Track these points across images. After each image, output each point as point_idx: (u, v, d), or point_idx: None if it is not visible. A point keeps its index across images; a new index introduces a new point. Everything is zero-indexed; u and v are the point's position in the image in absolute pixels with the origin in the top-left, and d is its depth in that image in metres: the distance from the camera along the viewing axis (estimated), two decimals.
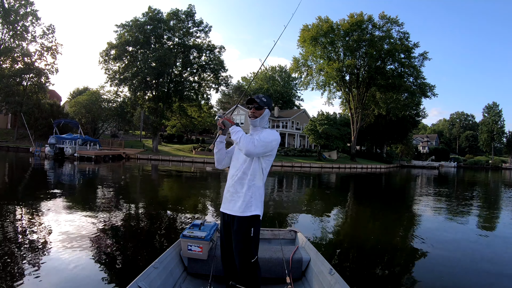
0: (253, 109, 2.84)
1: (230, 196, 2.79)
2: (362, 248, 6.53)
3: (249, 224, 2.66)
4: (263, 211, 2.82)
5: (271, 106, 2.92)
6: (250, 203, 2.68)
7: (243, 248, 2.64)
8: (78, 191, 12.86)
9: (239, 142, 2.64)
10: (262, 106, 2.81)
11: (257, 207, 2.70)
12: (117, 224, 7.08)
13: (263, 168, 2.77)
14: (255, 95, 2.86)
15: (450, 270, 5.33)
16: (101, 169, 22.37)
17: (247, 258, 2.64)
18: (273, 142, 2.71)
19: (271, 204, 11.14)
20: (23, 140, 45.05)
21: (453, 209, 12.41)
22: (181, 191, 14.71)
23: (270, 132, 2.78)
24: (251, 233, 2.65)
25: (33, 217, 7.31)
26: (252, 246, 2.66)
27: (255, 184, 2.72)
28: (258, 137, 2.67)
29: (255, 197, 2.70)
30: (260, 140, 2.63)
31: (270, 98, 2.97)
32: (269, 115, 2.95)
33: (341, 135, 44.01)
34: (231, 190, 2.79)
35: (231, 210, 2.75)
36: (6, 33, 45.29)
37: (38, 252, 5.03)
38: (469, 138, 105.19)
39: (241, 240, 2.66)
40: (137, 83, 38.80)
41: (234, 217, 2.72)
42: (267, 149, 2.68)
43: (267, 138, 2.67)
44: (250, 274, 2.65)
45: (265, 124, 2.90)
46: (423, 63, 47.06)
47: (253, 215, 2.67)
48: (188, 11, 41.42)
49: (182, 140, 58.77)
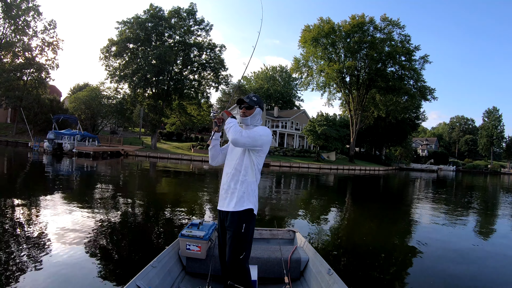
0: (243, 109, 2.92)
1: (224, 193, 2.82)
2: (360, 248, 6.55)
3: (240, 219, 2.68)
4: (258, 208, 2.84)
5: (261, 105, 2.99)
6: (243, 198, 2.72)
7: (232, 243, 2.67)
8: (74, 187, 12.83)
9: (228, 131, 2.68)
10: (252, 105, 2.89)
11: (250, 201, 2.73)
12: (114, 223, 7.06)
13: (256, 164, 2.80)
14: (246, 96, 2.93)
15: (446, 271, 5.34)
16: (98, 166, 22.34)
17: (235, 254, 2.65)
18: (262, 137, 2.74)
19: (269, 204, 11.15)
20: (22, 134, 44.99)
21: (451, 212, 12.44)
22: (179, 189, 14.68)
23: (260, 127, 2.85)
24: (242, 229, 2.67)
25: (30, 213, 7.29)
26: (242, 242, 2.68)
27: (247, 179, 2.76)
28: (248, 130, 2.76)
29: (248, 192, 2.74)
30: (248, 132, 2.69)
31: (260, 97, 3.03)
32: (261, 114, 3.01)
33: (340, 137, 43.99)
34: (225, 187, 2.82)
35: (225, 207, 2.78)
36: (8, 28, 45.20)
37: (34, 250, 5.01)
38: (468, 142, 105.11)
39: (231, 235, 2.69)
40: (137, 80, 38.74)
41: (228, 213, 2.75)
42: (255, 142, 2.71)
43: (255, 132, 2.73)
44: (237, 270, 2.66)
45: (257, 123, 2.95)
46: (423, 66, 47.04)
47: (245, 210, 2.70)
48: (190, 9, 41.37)
49: (181, 138, 58.74)
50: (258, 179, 2.86)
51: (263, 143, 2.75)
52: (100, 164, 23.29)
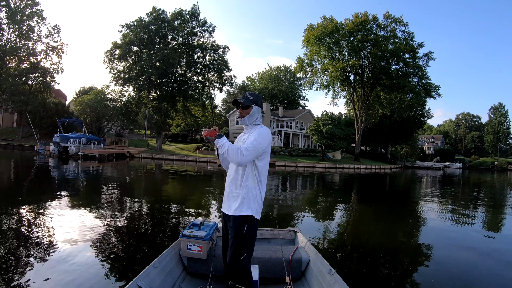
0: (240, 109, 2.85)
1: (226, 196, 2.83)
2: (362, 248, 6.50)
3: (242, 222, 2.67)
4: (262, 210, 2.81)
5: (259, 102, 2.90)
6: (242, 204, 2.69)
7: (233, 244, 2.67)
8: (80, 189, 12.90)
9: (228, 156, 2.61)
10: (248, 104, 2.81)
11: (249, 207, 2.68)
12: (116, 223, 7.09)
13: (259, 167, 2.74)
14: (242, 95, 2.88)
15: (450, 271, 5.30)
16: (104, 168, 22.45)
17: (236, 254, 2.65)
18: (262, 144, 2.67)
19: (271, 204, 11.14)
20: (28, 138, 45.34)
21: (457, 211, 12.35)
22: (182, 190, 14.72)
23: (259, 133, 2.73)
24: (243, 230, 2.66)
25: (35, 214, 7.34)
26: (243, 243, 2.67)
27: (247, 185, 2.70)
28: (245, 145, 2.62)
29: (247, 197, 2.69)
30: (248, 148, 2.58)
31: (258, 94, 2.94)
32: (260, 111, 2.91)
33: (345, 136, 43.83)
34: (227, 190, 2.83)
35: (227, 210, 2.79)
36: (12, 33, 45.73)
37: (37, 249, 5.06)
38: (474, 139, 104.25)
39: (232, 235, 2.70)
40: (141, 83, 38.96)
41: (230, 216, 2.76)
42: (258, 152, 2.65)
43: (254, 142, 2.63)
44: (237, 271, 2.66)
45: (256, 121, 2.87)
46: (428, 63, 46.68)
47: (244, 215, 2.68)
48: (192, 11, 41.41)
49: (187, 140, 58.86)
50: (263, 182, 2.79)
51: (265, 147, 2.71)
52: (105, 167, 23.41)
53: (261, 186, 2.78)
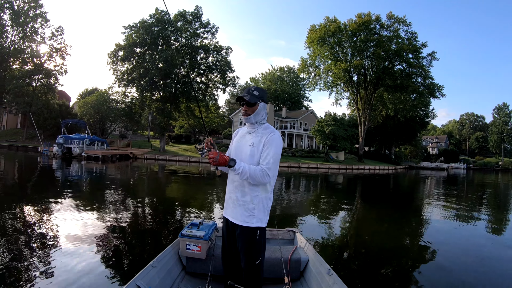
0: (244, 107, 2.59)
1: (232, 202, 2.64)
2: (361, 249, 6.49)
3: (253, 230, 2.56)
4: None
5: (265, 97, 2.64)
6: (253, 214, 2.54)
7: (248, 250, 2.58)
8: (82, 189, 12.95)
9: (251, 181, 2.44)
10: (254, 102, 2.54)
11: (259, 219, 2.56)
12: (117, 223, 7.12)
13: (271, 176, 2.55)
14: (245, 90, 2.61)
15: (452, 274, 5.26)
16: (107, 169, 22.52)
17: (252, 260, 2.58)
18: (279, 153, 2.55)
19: (273, 205, 11.09)
20: (32, 139, 45.65)
21: (462, 213, 12.28)
22: (184, 191, 14.73)
23: (276, 144, 2.54)
24: (256, 236, 2.56)
25: (37, 215, 7.37)
26: (257, 247, 2.60)
27: (258, 195, 2.54)
28: (267, 164, 2.46)
29: (258, 208, 2.55)
30: (270, 167, 2.45)
31: (264, 89, 2.65)
32: (266, 108, 2.67)
33: (348, 136, 43.75)
34: (233, 197, 2.64)
35: (234, 218, 2.63)
36: (16, 35, 46.06)
37: (38, 249, 5.08)
38: (479, 140, 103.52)
39: (245, 243, 2.58)
40: (144, 84, 39.04)
41: (237, 225, 2.61)
42: (277, 163, 2.53)
43: (275, 156, 2.50)
44: (253, 276, 2.61)
45: (262, 119, 2.64)
46: (431, 63, 46.59)
47: (255, 227, 2.56)
48: (195, 12, 41.53)
49: (190, 141, 58.91)
50: (271, 189, 2.64)
51: (280, 153, 2.57)
52: (108, 167, 23.47)
53: (271, 195, 2.65)
